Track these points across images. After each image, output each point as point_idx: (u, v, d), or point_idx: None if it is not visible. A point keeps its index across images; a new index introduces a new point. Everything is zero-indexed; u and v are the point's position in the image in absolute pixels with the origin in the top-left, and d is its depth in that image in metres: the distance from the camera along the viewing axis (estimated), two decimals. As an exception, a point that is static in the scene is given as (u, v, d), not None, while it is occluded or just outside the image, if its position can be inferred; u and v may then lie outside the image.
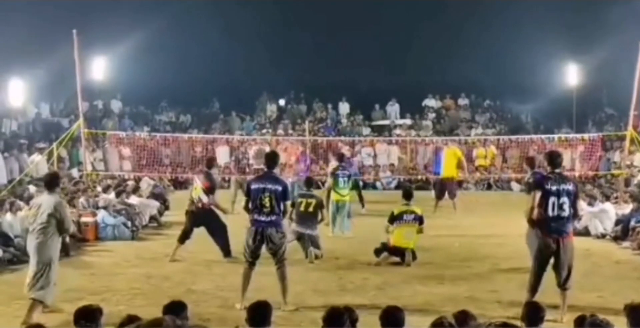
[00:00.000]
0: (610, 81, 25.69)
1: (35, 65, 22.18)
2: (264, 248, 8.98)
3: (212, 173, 12.48)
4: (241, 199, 9.75)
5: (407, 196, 12.11)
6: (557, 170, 8.53)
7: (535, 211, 8.28)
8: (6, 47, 22.79)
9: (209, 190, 12.05)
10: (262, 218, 8.78)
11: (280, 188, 8.78)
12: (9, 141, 20.19)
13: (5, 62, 22.14)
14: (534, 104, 29.22)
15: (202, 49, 28.75)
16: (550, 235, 8.30)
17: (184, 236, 12.08)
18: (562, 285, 8.37)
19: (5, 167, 18.02)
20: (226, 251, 11.93)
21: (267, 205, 8.72)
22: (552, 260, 8.39)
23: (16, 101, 21.28)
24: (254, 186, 8.85)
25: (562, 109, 27.72)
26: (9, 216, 12.66)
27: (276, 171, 9.24)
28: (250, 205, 8.87)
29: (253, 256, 8.93)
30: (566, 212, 8.25)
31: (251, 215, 8.86)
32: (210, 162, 13.08)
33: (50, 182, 8.90)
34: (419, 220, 11.82)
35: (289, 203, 8.92)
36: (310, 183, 13.07)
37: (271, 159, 9.27)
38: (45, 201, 8.66)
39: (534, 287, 8.36)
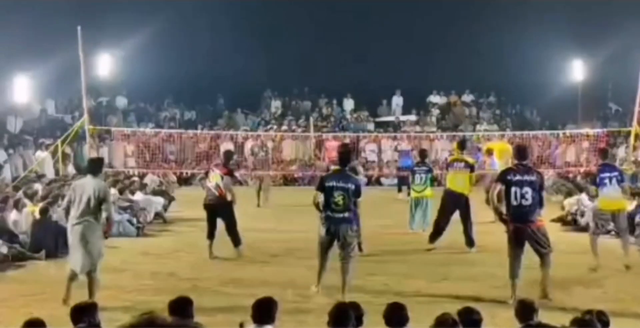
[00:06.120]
0: (615, 77, 25.61)
1: (40, 62, 22.15)
2: None
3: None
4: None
5: (461, 146, 13.40)
6: (524, 162, 9.05)
7: (495, 199, 9.01)
8: (11, 44, 22.78)
9: (228, 175, 12.15)
10: (335, 215, 9.09)
11: (353, 186, 9.10)
12: (14, 137, 20.21)
13: (10, 59, 22.15)
14: (539, 100, 29.09)
15: (207, 46, 28.69)
16: (514, 223, 8.87)
17: (210, 232, 12.04)
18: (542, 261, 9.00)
19: (9, 164, 18.04)
20: (236, 241, 12.02)
21: (340, 202, 9.04)
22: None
23: (21, 97, 21.29)
24: (327, 184, 9.15)
25: (567, 105, 27.64)
26: (13, 214, 12.68)
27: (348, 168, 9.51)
28: (323, 201, 9.15)
29: (325, 246, 9.27)
30: (529, 201, 8.73)
31: (324, 211, 9.15)
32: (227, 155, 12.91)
33: (94, 167, 9.28)
34: (470, 168, 12.70)
35: (360, 199, 9.17)
36: None
37: (345, 156, 9.58)
38: (88, 184, 8.93)
39: (513, 273, 8.99)
